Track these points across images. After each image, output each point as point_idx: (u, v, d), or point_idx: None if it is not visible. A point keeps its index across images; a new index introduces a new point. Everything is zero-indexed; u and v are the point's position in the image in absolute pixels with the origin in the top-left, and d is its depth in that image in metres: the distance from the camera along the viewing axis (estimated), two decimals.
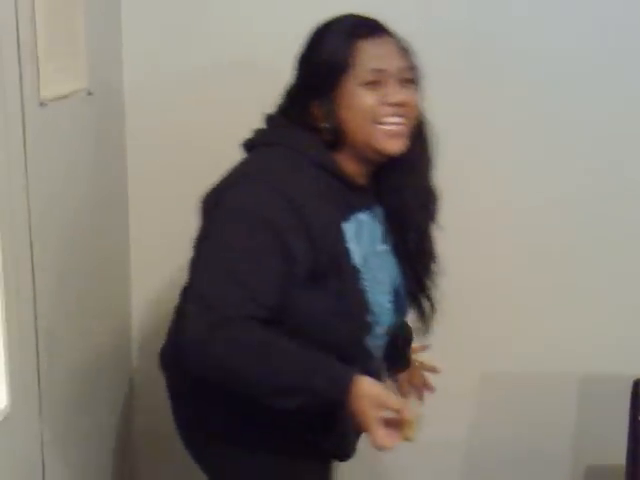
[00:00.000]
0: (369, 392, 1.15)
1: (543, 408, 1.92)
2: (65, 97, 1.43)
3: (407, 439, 1.13)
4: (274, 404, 1.18)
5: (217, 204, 1.25)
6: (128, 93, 1.77)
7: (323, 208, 1.25)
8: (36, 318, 1.33)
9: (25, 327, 1.29)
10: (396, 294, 1.36)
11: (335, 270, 1.25)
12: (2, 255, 1.18)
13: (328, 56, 1.27)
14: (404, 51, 1.29)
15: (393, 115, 1.26)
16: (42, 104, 1.33)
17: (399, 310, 1.38)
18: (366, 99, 1.25)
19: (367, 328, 1.30)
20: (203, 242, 1.25)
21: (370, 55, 1.26)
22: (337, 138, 1.28)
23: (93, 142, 1.62)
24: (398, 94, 1.26)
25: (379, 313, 1.32)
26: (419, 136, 1.33)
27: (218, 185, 1.27)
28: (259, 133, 1.34)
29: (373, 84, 1.25)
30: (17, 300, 1.24)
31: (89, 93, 1.55)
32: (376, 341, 1.35)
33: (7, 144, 1.20)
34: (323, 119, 1.27)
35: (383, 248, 1.36)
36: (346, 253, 1.27)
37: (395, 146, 1.27)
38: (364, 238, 1.32)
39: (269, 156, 1.30)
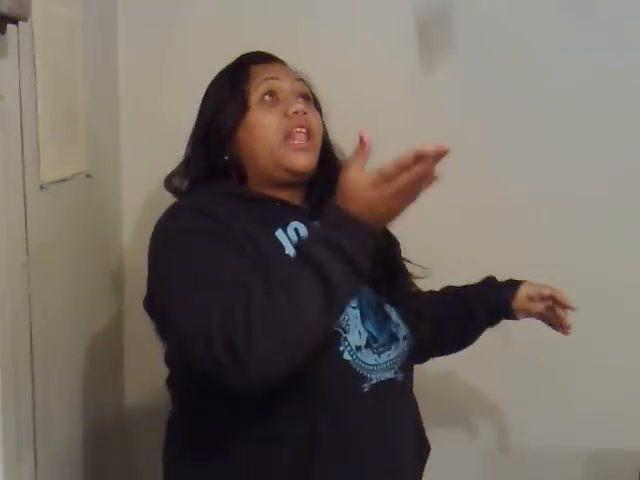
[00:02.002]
0: (352, 179, 1.03)
1: None
2: (65, 180, 1.49)
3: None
4: (339, 304, 1.07)
5: (150, 254, 1.21)
6: (125, 175, 1.83)
7: (247, 225, 1.20)
8: (34, 395, 1.35)
9: (22, 404, 1.31)
10: (361, 304, 1.25)
11: None
12: (1, 333, 1.20)
13: (228, 91, 1.30)
14: (299, 77, 1.34)
15: (297, 126, 1.26)
16: (42, 187, 1.38)
17: (370, 315, 1.26)
18: (267, 117, 1.27)
19: (330, 338, 1.16)
20: (157, 293, 1.19)
21: (263, 74, 1.30)
22: (241, 171, 1.29)
23: (91, 222, 1.67)
24: (298, 104, 1.27)
25: (343, 319, 1.20)
26: (331, 160, 1.35)
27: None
28: None
29: (270, 99, 1.28)
30: (15, 377, 1.26)
31: (88, 176, 1.60)
32: (365, 356, 1.21)
33: (9, 226, 1.24)
34: (225, 150, 1.28)
35: None
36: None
37: (302, 160, 1.26)
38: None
39: (178, 201, 1.31)
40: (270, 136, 1.26)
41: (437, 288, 1.52)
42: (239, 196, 1.28)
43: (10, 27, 1.21)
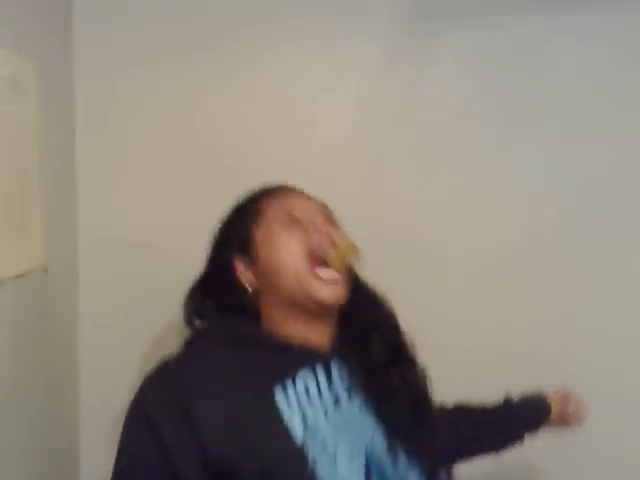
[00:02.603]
0: None
1: None
2: (21, 276, 1.45)
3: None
4: None
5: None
6: (82, 268, 1.79)
7: (238, 391, 1.10)
8: None
9: None
10: (371, 460, 1.14)
11: (256, 458, 1.05)
12: None
13: (237, 212, 1.22)
14: (320, 203, 1.24)
15: (320, 242, 1.15)
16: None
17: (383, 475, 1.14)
18: (289, 236, 1.16)
19: None
20: None
21: (282, 202, 1.20)
22: (262, 297, 1.18)
23: (45, 318, 1.62)
24: (318, 217, 1.18)
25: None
26: (362, 291, 1.25)
27: None
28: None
29: (292, 224, 1.17)
30: None
31: (44, 270, 1.57)
32: None
33: None
34: (245, 275, 1.18)
35: (346, 405, 1.16)
36: (284, 433, 1.08)
37: (329, 293, 1.14)
38: (311, 398, 1.13)
39: (174, 355, 1.18)
40: (294, 257, 1.15)
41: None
42: (245, 341, 1.15)
43: None
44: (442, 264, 1.79)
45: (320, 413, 1.13)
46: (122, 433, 1.13)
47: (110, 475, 1.12)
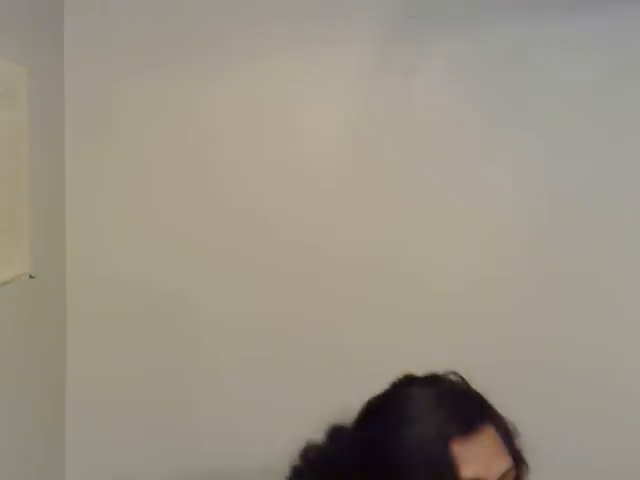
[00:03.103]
0: None
1: None
2: (6, 283, 1.45)
3: None
4: None
5: None
6: (70, 275, 1.79)
7: None
8: None
9: None
10: None
11: None
12: None
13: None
14: (506, 442, 1.08)
15: None
16: None
17: None
18: None
19: None
20: None
21: (468, 463, 1.02)
22: None
23: (32, 325, 1.62)
24: None
25: None
26: None
27: None
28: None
29: None
30: None
31: (31, 276, 1.57)
32: None
33: None
34: None
35: None
36: None
37: None
38: None
39: None
40: None
41: None
42: None
43: None
44: (432, 272, 1.78)
45: None
46: None
47: None
